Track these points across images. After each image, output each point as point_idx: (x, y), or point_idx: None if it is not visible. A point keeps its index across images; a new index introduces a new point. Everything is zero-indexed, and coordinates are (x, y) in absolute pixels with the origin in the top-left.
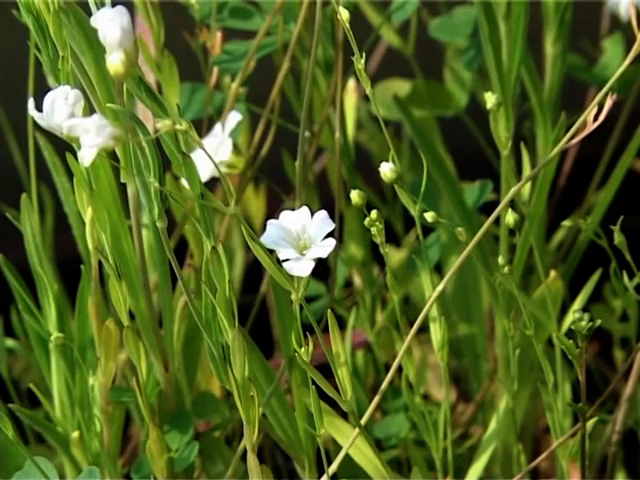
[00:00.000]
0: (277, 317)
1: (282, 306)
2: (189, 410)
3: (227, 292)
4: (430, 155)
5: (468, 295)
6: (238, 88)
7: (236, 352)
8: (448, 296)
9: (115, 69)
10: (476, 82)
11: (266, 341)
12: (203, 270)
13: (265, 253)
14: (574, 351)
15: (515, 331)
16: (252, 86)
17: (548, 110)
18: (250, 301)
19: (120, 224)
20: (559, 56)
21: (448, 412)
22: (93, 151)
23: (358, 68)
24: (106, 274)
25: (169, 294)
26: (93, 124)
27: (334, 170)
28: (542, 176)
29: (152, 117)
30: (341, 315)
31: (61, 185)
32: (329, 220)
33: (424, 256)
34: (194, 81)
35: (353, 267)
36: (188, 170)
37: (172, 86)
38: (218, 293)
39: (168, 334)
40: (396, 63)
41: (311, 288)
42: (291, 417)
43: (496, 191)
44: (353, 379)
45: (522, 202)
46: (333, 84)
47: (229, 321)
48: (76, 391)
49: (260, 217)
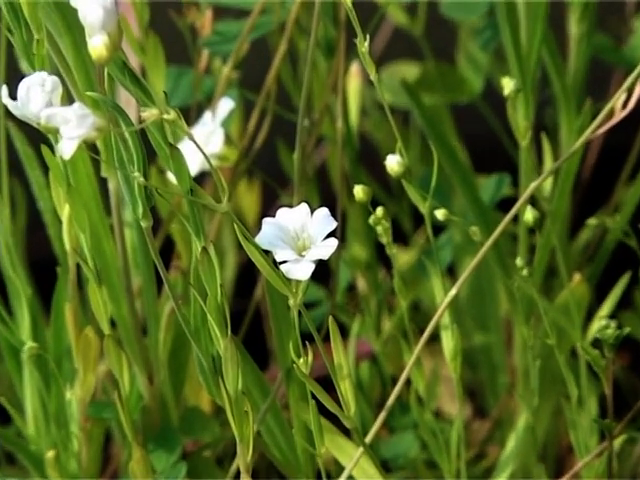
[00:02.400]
0: (273, 325)
1: (279, 313)
2: (176, 427)
3: (218, 297)
4: (441, 146)
5: (484, 300)
6: (230, 72)
7: (228, 363)
8: (461, 301)
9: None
10: (492, 65)
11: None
12: (192, 273)
13: (260, 254)
14: (600, 362)
15: (535, 340)
16: (245, 70)
17: (572, 96)
18: (243, 307)
19: (100, 223)
20: (584, 36)
21: (462, 430)
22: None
23: (362, 50)
24: (85, 278)
25: (154, 299)
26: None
27: (336, 163)
28: (565, 169)
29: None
30: (344, 322)
31: (35, 179)
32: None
33: (435, 257)
34: (181, 65)
35: (357, 270)
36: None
37: (157, 70)
38: (208, 298)
39: (153, 343)
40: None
41: (311, 293)
42: (288, 435)
43: (514, 186)
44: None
45: (543, 198)
46: (335, 68)
47: (220, 329)
48: (51, 406)
49: (254, 215)
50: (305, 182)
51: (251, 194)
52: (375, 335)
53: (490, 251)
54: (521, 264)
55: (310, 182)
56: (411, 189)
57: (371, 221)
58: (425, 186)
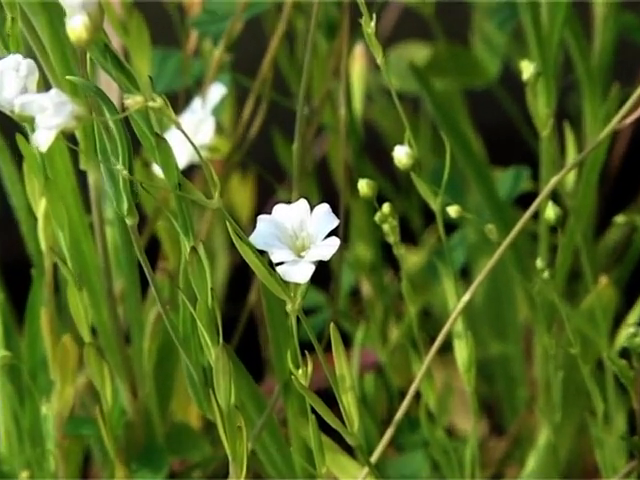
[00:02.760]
0: (269, 332)
1: (275, 319)
2: (162, 445)
3: (209, 302)
4: (454, 136)
5: (500, 306)
6: (222, 55)
7: (220, 374)
8: (476, 307)
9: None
10: (510, 47)
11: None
12: (180, 275)
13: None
14: (629, 374)
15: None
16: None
17: (597, 81)
18: (236, 313)
19: (80, 220)
20: (611, 15)
21: (476, 448)
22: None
23: (367, 31)
24: (63, 280)
25: (138, 304)
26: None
27: (338, 154)
28: (590, 161)
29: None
30: (346, 330)
31: (7, 172)
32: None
33: (447, 259)
34: (168, 47)
35: (361, 272)
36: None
37: (142, 53)
38: (198, 303)
39: (137, 353)
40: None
41: (310, 297)
42: (286, 453)
43: (534, 180)
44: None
45: (566, 193)
46: (337, 50)
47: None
48: (26, 421)
49: (249, 211)
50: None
51: (245, 189)
52: (381, 344)
53: (507, 252)
54: (542, 266)
55: (310, 176)
56: (421, 183)
57: (377, 219)
58: (436, 180)
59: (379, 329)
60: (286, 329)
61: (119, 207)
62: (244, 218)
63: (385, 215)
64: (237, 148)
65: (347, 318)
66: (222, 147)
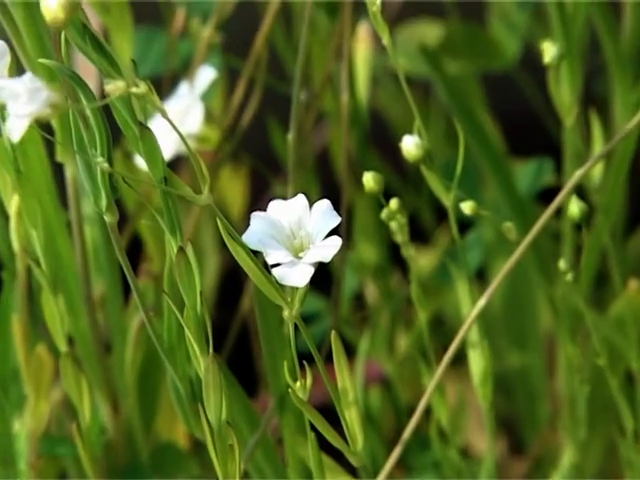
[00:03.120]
0: (263, 342)
1: (270, 327)
2: (146, 465)
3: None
4: (469, 124)
5: (520, 312)
6: (211, 35)
7: (210, 388)
8: (493, 314)
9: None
10: (531, 27)
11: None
12: (165, 279)
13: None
14: None
15: (583, 361)
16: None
17: (628, 64)
18: (228, 320)
19: (55, 217)
20: None
21: (494, 469)
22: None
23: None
24: (37, 284)
25: (120, 311)
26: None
27: (340, 145)
28: (619, 153)
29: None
30: (349, 339)
31: None
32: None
33: (461, 260)
34: (152, 26)
35: (365, 275)
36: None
37: (123, 33)
38: (186, 309)
39: (118, 364)
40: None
41: (309, 303)
42: (282, 474)
43: (557, 173)
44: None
45: (592, 187)
46: (339, 29)
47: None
48: None
49: (241, 208)
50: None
51: (237, 183)
52: (387, 354)
53: (528, 252)
54: (565, 268)
55: (308, 168)
56: (432, 177)
57: (383, 216)
58: (449, 173)
59: (385, 338)
60: (282, 338)
61: (97, 203)
62: (236, 215)
63: (392, 212)
64: (228, 138)
65: (350, 326)
66: (212, 136)
